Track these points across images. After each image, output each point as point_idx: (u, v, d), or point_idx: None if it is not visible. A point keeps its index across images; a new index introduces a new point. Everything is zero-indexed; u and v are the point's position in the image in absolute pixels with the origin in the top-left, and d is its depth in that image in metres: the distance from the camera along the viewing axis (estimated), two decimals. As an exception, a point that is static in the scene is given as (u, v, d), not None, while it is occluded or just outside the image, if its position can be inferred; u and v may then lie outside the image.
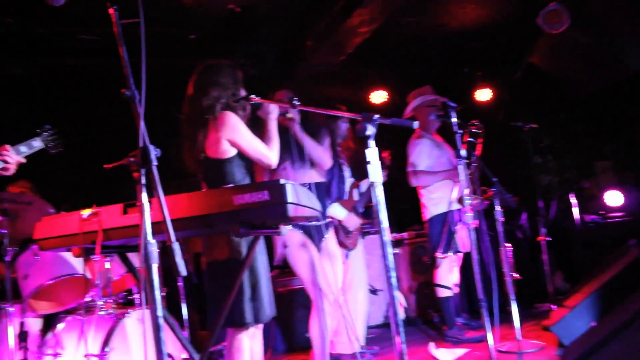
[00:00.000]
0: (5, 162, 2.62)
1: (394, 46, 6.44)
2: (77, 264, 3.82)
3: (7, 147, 2.64)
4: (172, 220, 2.20)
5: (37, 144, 2.85)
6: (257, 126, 3.40)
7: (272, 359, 4.85)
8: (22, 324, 3.59)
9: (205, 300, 2.98)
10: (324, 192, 3.93)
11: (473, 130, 4.33)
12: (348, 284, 4.33)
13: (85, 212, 2.36)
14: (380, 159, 5.11)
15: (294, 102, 2.92)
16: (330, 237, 3.86)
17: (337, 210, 4.42)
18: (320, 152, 3.78)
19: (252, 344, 3.07)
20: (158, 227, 2.23)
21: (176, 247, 1.75)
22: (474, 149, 4.39)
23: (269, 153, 3.08)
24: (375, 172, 2.26)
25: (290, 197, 2.13)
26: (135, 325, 3.62)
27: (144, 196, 1.80)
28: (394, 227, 6.90)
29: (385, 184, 5.48)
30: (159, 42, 5.66)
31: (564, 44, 6.43)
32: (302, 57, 6.07)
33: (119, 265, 4.01)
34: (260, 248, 2.99)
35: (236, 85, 3.11)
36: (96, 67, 5.77)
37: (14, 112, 5.37)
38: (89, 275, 3.77)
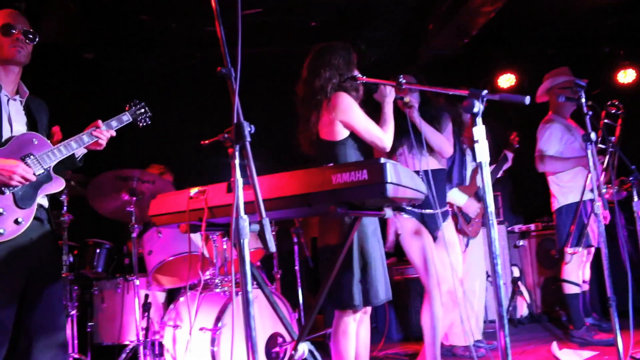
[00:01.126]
0: (98, 137, 2.76)
1: (522, 26, 6.02)
2: (198, 242, 4.01)
3: (99, 122, 2.78)
4: (272, 199, 2.25)
5: (126, 118, 2.95)
6: (375, 110, 3.34)
7: (385, 347, 4.77)
8: (147, 296, 3.84)
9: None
10: (443, 180, 3.75)
11: (611, 112, 3.91)
12: (465, 273, 4.13)
13: (193, 190, 2.44)
14: (509, 141, 4.85)
15: (400, 80, 2.81)
16: (448, 225, 3.68)
17: (457, 196, 4.24)
18: (440, 140, 3.59)
19: (358, 329, 3.03)
20: (266, 205, 2.28)
21: (266, 222, 1.73)
22: (611, 133, 3.98)
23: (383, 136, 3.01)
24: (483, 152, 2.09)
25: (389, 177, 2.04)
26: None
27: (237, 172, 1.80)
28: (521, 218, 6.51)
29: (512, 170, 5.19)
30: (281, 31, 5.80)
31: None
32: (423, 41, 5.88)
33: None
34: (374, 230, 2.94)
35: (349, 66, 3.07)
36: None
37: (154, 102, 5.78)
38: (207, 253, 3.94)
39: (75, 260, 3.99)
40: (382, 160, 2.07)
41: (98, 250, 4.07)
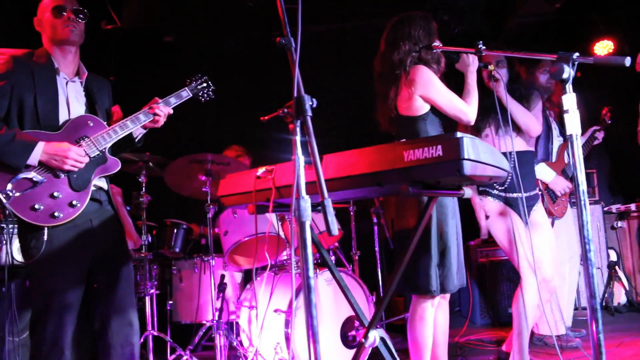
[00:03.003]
0: (155, 114, 2.72)
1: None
2: (274, 223, 3.97)
3: (157, 99, 2.74)
4: (340, 178, 2.12)
5: (186, 94, 2.91)
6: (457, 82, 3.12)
7: (468, 332, 4.56)
8: (222, 277, 3.85)
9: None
10: (531, 162, 3.48)
11: None
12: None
13: (261, 170, 2.36)
14: (600, 118, 4.43)
15: (479, 46, 2.58)
16: (539, 210, 3.41)
17: (543, 172, 3.93)
18: (528, 118, 3.33)
19: (436, 314, 2.89)
20: (330, 185, 2.16)
21: (328, 203, 1.61)
22: None
23: (466, 109, 2.83)
24: (574, 124, 1.86)
25: (467, 153, 1.85)
26: (325, 286, 3.66)
27: (299, 150, 1.69)
28: (619, 197, 6.01)
29: (609, 145, 4.74)
30: (361, 4, 5.60)
31: None
32: (510, 8, 5.49)
33: (313, 226, 4.07)
34: (453, 211, 2.78)
35: (430, 37, 2.89)
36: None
37: (234, 83, 5.81)
38: (282, 234, 3.89)
39: (154, 240, 4.07)
40: (459, 134, 1.88)
41: (175, 231, 4.13)
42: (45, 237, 2.45)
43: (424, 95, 2.77)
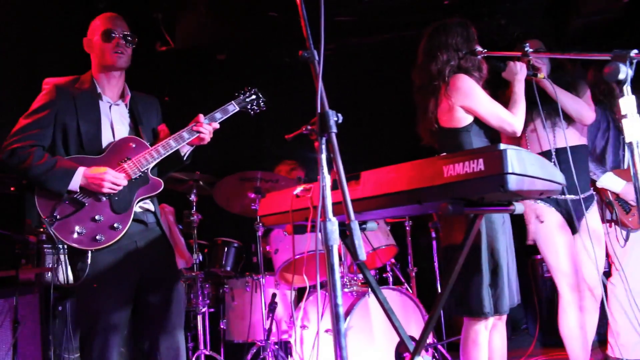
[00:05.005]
0: (199, 131, 2.66)
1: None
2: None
3: (200, 116, 2.69)
4: (378, 197, 2.01)
5: (232, 107, 2.83)
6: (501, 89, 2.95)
7: (535, 351, 4.28)
8: (274, 295, 3.79)
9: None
10: (584, 158, 3.26)
11: None
12: (629, 273, 3.54)
13: (299, 189, 2.28)
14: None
15: (526, 49, 2.40)
16: (592, 214, 3.20)
17: (612, 181, 3.64)
18: (578, 104, 3.12)
19: (492, 337, 2.71)
20: (368, 203, 2.05)
21: (355, 226, 1.50)
22: None
23: (512, 119, 2.66)
24: (634, 129, 1.67)
25: (511, 167, 1.70)
26: (377, 306, 3.51)
27: (325, 169, 1.59)
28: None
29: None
30: (411, 13, 5.47)
31: None
32: (573, 7, 5.18)
33: (365, 243, 3.96)
34: (503, 225, 2.60)
35: (469, 44, 2.76)
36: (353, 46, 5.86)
37: (289, 97, 5.80)
38: (334, 251, 3.79)
39: (206, 259, 4.07)
40: (502, 146, 1.73)
41: (226, 249, 4.11)
42: (90, 260, 2.46)
43: (465, 105, 2.63)
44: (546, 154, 3.15)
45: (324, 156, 1.59)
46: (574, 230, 3.15)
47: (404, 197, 1.93)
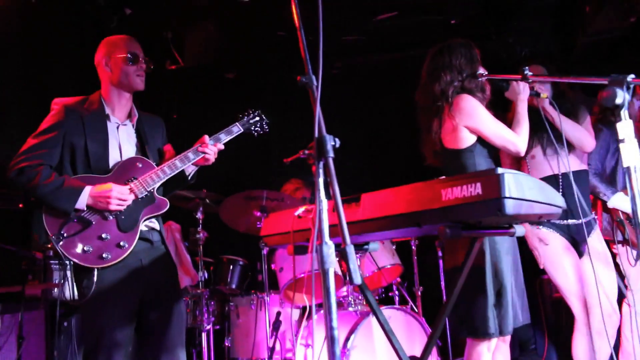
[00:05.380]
0: (204, 152, 2.69)
1: None
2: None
3: (206, 137, 2.72)
4: (378, 219, 2.02)
5: (236, 129, 2.86)
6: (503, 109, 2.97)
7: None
8: (278, 314, 3.79)
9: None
10: (586, 182, 3.28)
11: None
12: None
13: (300, 209, 2.29)
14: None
15: (526, 73, 2.42)
16: (596, 237, 3.19)
17: (623, 201, 3.61)
18: (579, 132, 3.15)
19: (495, 359, 2.68)
20: (369, 225, 2.06)
21: (350, 250, 1.51)
22: None
23: (515, 139, 2.68)
24: (631, 153, 1.67)
25: (508, 191, 1.71)
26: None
27: (322, 193, 1.61)
28: None
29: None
30: (418, 33, 5.50)
31: None
32: (580, 26, 5.19)
33: (370, 262, 3.96)
34: (507, 247, 2.60)
35: (472, 65, 2.77)
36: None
37: (298, 116, 5.82)
38: (339, 271, 3.80)
39: (211, 276, 4.08)
40: (500, 170, 1.74)
41: (232, 267, 4.13)
42: (95, 278, 2.49)
43: (469, 125, 2.64)
44: (550, 179, 3.16)
45: (321, 180, 1.61)
46: (579, 254, 3.14)
47: (403, 219, 1.94)
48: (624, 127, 1.70)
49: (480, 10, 5.27)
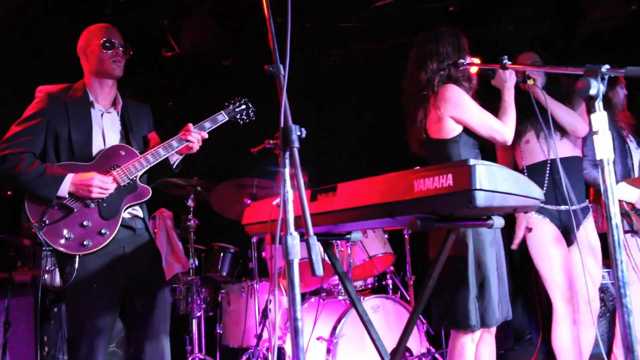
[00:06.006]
0: (188, 140, 2.68)
1: None
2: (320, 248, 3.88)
3: (190, 125, 2.71)
4: (352, 209, 2.01)
5: (221, 117, 2.85)
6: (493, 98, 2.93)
7: (537, 362, 4.23)
8: (268, 301, 3.80)
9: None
10: (579, 169, 3.24)
11: None
12: None
13: (278, 199, 2.28)
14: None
15: (504, 62, 2.38)
16: (588, 225, 3.16)
17: (624, 192, 3.57)
18: (572, 117, 3.10)
19: (480, 350, 2.68)
20: (344, 215, 2.05)
21: (313, 242, 1.50)
22: None
23: (502, 128, 2.64)
24: (604, 147, 1.64)
25: (479, 183, 1.69)
26: (371, 314, 3.51)
27: (287, 183, 1.60)
28: None
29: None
30: (416, 20, 5.44)
31: None
32: (580, 13, 5.11)
33: (361, 251, 3.95)
34: (492, 239, 2.58)
35: (459, 53, 2.73)
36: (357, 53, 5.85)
37: (296, 103, 5.77)
38: (327, 259, 3.79)
39: (202, 264, 4.10)
40: (471, 161, 1.72)
41: (222, 255, 4.14)
42: (77, 265, 2.50)
43: (454, 116, 2.61)
44: (541, 165, 3.13)
45: (287, 170, 1.60)
46: (569, 242, 3.12)
47: (376, 210, 1.92)
48: (598, 118, 1.67)
49: (478, -4, 5.20)
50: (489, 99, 2.82)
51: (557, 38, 5.49)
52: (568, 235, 3.12)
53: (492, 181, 1.73)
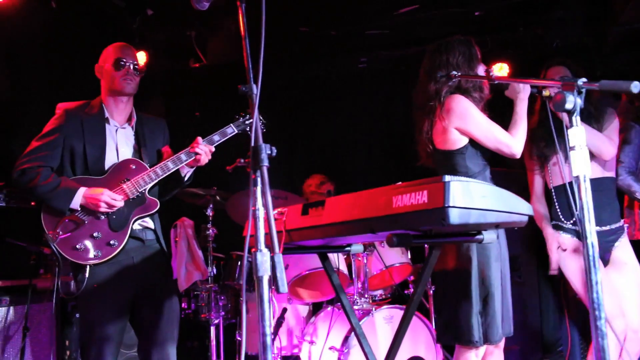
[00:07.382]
0: (196, 153, 2.75)
1: None
2: (336, 258, 3.89)
3: (199, 139, 2.78)
4: (337, 224, 2.03)
5: (230, 130, 2.90)
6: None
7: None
8: (284, 310, 3.84)
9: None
10: (609, 190, 3.11)
11: None
12: None
13: (274, 211, 2.32)
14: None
15: (491, 73, 2.33)
16: (623, 245, 3.05)
17: None
18: (596, 140, 2.96)
19: (486, 365, 2.63)
20: (330, 230, 2.07)
21: (278, 259, 1.53)
22: None
23: (510, 141, 2.58)
24: (581, 161, 1.61)
25: (453, 200, 1.68)
26: (383, 324, 3.51)
27: (259, 201, 1.63)
28: None
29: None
30: (440, 26, 5.39)
31: None
32: (610, 16, 4.95)
33: (378, 260, 3.95)
34: (497, 253, 2.53)
35: (471, 63, 2.67)
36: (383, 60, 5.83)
37: (322, 111, 5.81)
38: (343, 269, 3.81)
39: (221, 272, 4.18)
40: (447, 178, 1.71)
41: (240, 263, 4.20)
42: (88, 274, 2.62)
43: (459, 127, 2.57)
44: (563, 187, 3.04)
45: (258, 189, 1.64)
46: (604, 262, 3.02)
47: (359, 225, 1.94)
48: (575, 133, 1.63)
49: (506, 1, 5.10)
50: (504, 110, 2.76)
51: (588, 41, 5.34)
52: (601, 257, 3.00)
53: (468, 198, 1.72)
